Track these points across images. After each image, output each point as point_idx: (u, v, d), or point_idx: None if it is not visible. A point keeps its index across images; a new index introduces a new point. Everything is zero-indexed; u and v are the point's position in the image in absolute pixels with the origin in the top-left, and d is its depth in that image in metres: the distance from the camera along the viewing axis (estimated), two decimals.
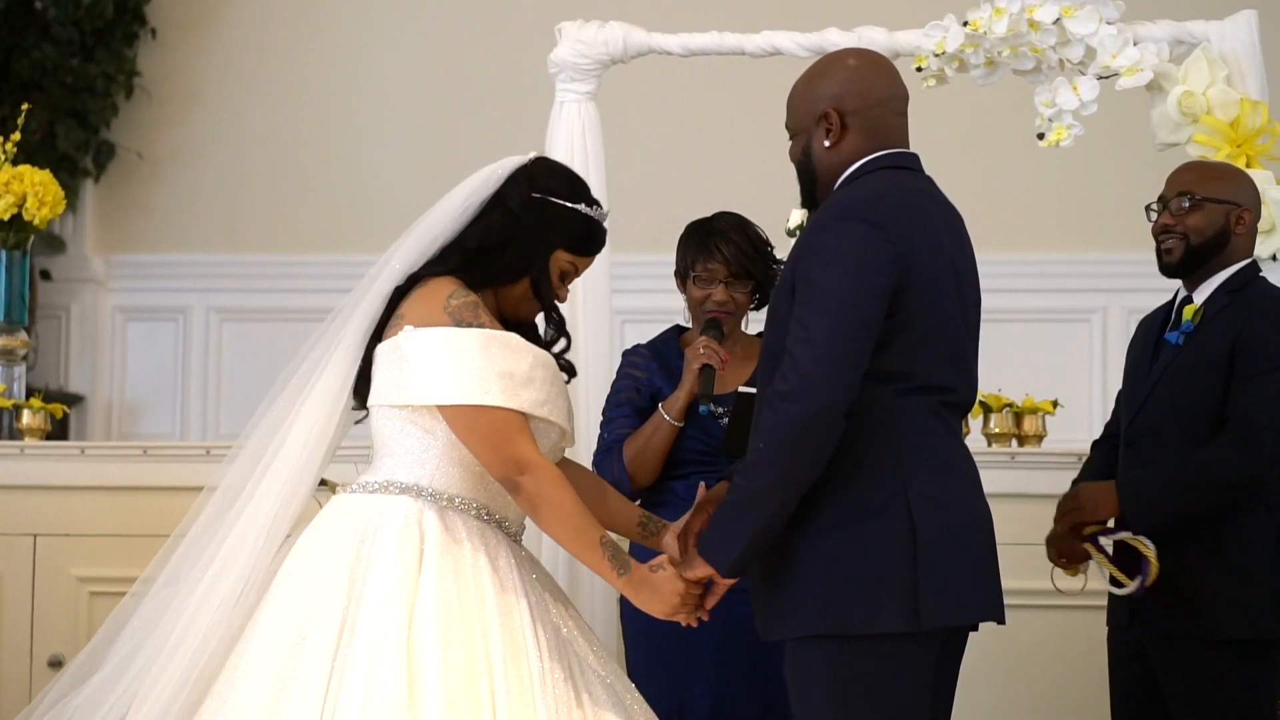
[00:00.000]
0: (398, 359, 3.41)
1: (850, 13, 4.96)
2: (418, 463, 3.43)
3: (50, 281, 8.12)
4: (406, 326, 3.41)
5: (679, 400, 4.08)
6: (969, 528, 3.34)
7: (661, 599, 3.35)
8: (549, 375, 3.48)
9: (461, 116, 7.92)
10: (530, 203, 3.50)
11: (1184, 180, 4.09)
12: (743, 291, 4.14)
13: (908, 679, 3.28)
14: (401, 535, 3.36)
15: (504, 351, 3.40)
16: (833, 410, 3.19)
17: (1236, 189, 4.08)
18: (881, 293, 3.23)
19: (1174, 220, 4.05)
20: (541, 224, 3.50)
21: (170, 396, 8.23)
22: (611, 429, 4.18)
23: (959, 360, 3.39)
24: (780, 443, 3.20)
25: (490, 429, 3.37)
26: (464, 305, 3.41)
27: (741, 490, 3.26)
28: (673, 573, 3.34)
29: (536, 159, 3.57)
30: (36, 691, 4.93)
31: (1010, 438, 5.15)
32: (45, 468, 5.09)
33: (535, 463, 3.37)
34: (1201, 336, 3.99)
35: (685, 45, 4.87)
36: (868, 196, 3.32)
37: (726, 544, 3.27)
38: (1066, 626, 4.37)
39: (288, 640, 3.29)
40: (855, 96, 3.40)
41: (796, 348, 3.22)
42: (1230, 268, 4.04)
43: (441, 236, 3.49)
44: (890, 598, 3.23)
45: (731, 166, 7.64)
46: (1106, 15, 4.58)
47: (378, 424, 3.48)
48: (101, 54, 8.09)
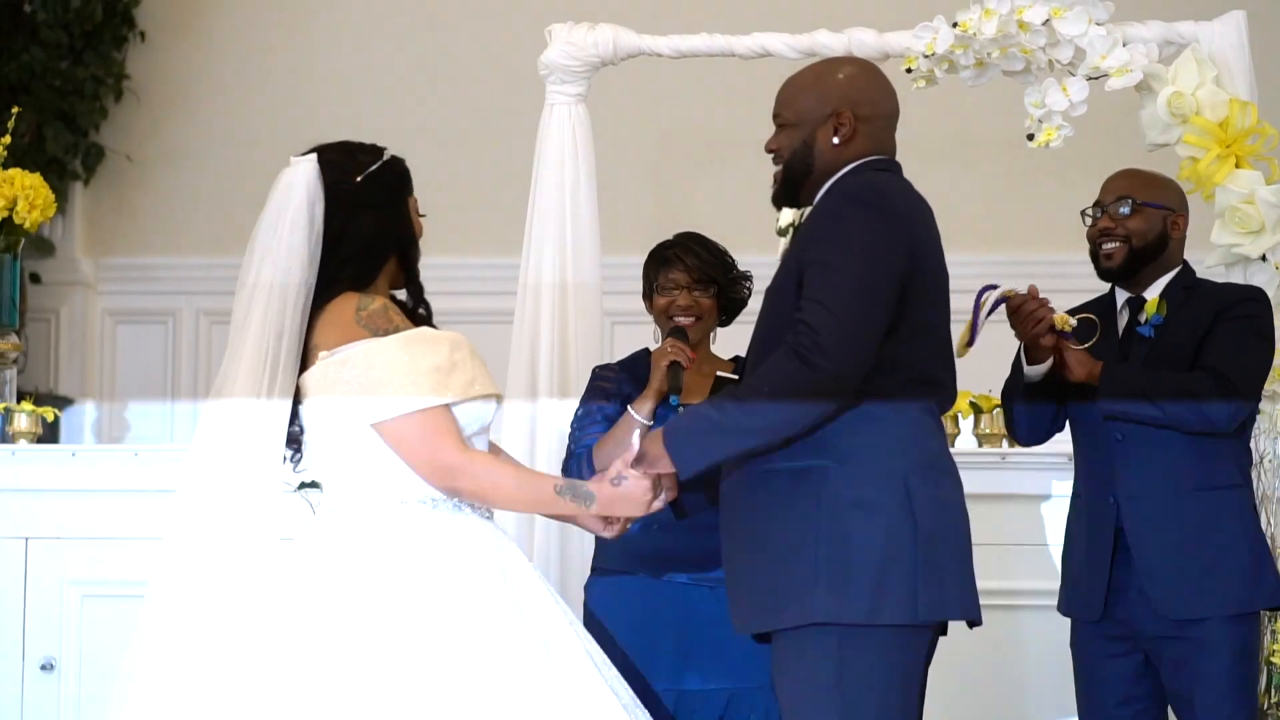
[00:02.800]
0: (326, 385, 3.38)
1: (840, 14, 4.96)
2: (383, 474, 3.40)
3: (40, 284, 8.10)
4: (322, 354, 3.40)
5: (648, 399, 4.08)
6: (958, 527, 3.41)
7: (637, 500, 3.42)
8: (466, 353, 3.46)
9: (452, 119, 7.91)
10: (362, 186, 3.49)
11: (1122, 186, 4.20)
12: (706, 296, 4.16)
13: (903, 671, 3.33)
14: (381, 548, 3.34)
15: (423, 348, 3.40)
16: (845, 381, 3.25)
17: (1170, 196, 4.21)
18: (895, 277, 3.31)
19: (1114, 224, 4.16)
20: (384, 193, 3.51)
21: (160, 399, 8.22)
22: (580, 438, 4.18)
23: (946, 355, 3.48)
24: (784, 394, 3.26)
25: (416, 437, 3.36)
26: (373, 314, 3.41)
27: (733, 417, 3.31)
28: (635, 475, 3.40)
29: (318, 156, 3.51)
30: (28, 694, 4.94)
31: (1001, 439, 5.15)
32: (36, 471, 5.08)
33: (462, 464, 3.37)
34: (1174, 327, 4.09)
35: (675, 47, 4.87)
36: (873, 185, 3.40)
37: (695, 454, 3.35)
38: (1057, 628, 4.37)
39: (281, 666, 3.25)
40: (870, 105, 3.50)
41: (815, 318, 3.25)
42: (1171, 271, 4.17)
43: (296, 274, 3.42)
44: (893, 589, 3.28)
45: (721, 168, 7.64)
46: (1096, 16, 4.59)
47: (322, 452, 3.45)
48: (90, 57, 8.08)
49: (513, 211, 4.65)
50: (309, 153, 3.54)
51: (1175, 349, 4.07)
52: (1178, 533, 4.00)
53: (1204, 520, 4.00)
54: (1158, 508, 4.02)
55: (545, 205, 4.68)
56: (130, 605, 3.58)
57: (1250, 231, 4.59)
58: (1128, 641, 4.07)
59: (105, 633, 4.92)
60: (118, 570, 4.89)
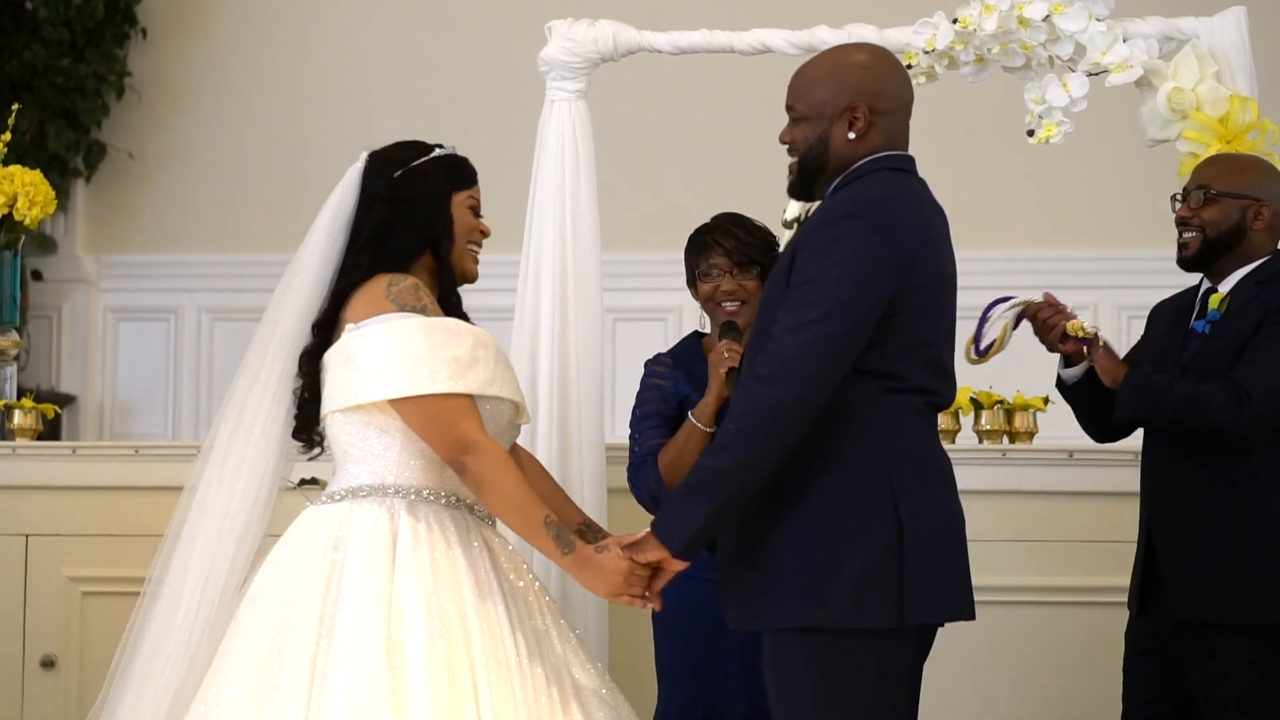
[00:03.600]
0: (344, 360, 3.45)
1: (840, 10, 4.96)
2: (380, 462, 3.47)
3: (41, 282, 8.11)
4: (348, 325, 3.46)
5: (709, 406, 4.03)
6: (949, 526, 3.36)
7: (605, 579, 3.33)
8: (491, 353, 3.51)
9: (452, 115, 7.90)
10: (398, 180, 3.59)
11: (1204, 174, 4.10)
12: (749, 278, 4.12)
13: (888, 674, 3.29)
14: (372, 538, 3.38)
15: (445, 336, 3.44)
16: (804, 404, 3.20)
17: (1257, 184, 4.08)
18: (877, 298, 3.24)
19: (1190, 213, 4.06)
20: (421, 186, 3.59)
21: (161, 396, 8.22)
22: (642, 441, 4.15)
23: (941, 365, 3.41)
24: (749, 427, 3.21)
25: (435, 413, 3.41)
26: (404, 289, 3.47)
27: (702, 469, 3.26)
28: (617, 553, 3.32)
29: (370, 155, 3.65)
30: (29, 691, 4.95)
31: (1001, 434, 5.15)
32: (37, 468, 5.09)
33: (479, 443, 3.40)
34: (1228, 324, 3.99)
35: (675, 43, 4.86)
36: (874, 199, 3.32)
37: (681, 524, 3.26)
38: (1061, 622, 4.38)
39: (263, 654, 3.31)
40: (888, 98, 3.42)
41: (782, 336, 3.22)
42: (1253, 262, 4.04)
43: (329, 260, 3.58)
44: (875, 592, 3.24)
45: (721, 164, 7.64)
46: (1096, 12, 4.58)
47: (334, 431, 3.52)
48: (92, 54, 8.09)
49: (513, 208, 4.64)
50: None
51: (1221, 351, 3.97)
52: (1197, 536, 3.93)
53: (1228, 526, 3.92)
54: (1179, 509, 3.97)
55: (545, 201, 4.67)
56: (131, 602, 3.59)
57: None
58: (1155, 639, 4.02)
59: (105, 630, 4.92)
60: (118, 567, 4.90)
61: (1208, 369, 3.97)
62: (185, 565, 3.51)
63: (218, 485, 3.53)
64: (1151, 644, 4.03)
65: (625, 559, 3.30)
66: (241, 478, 3.52)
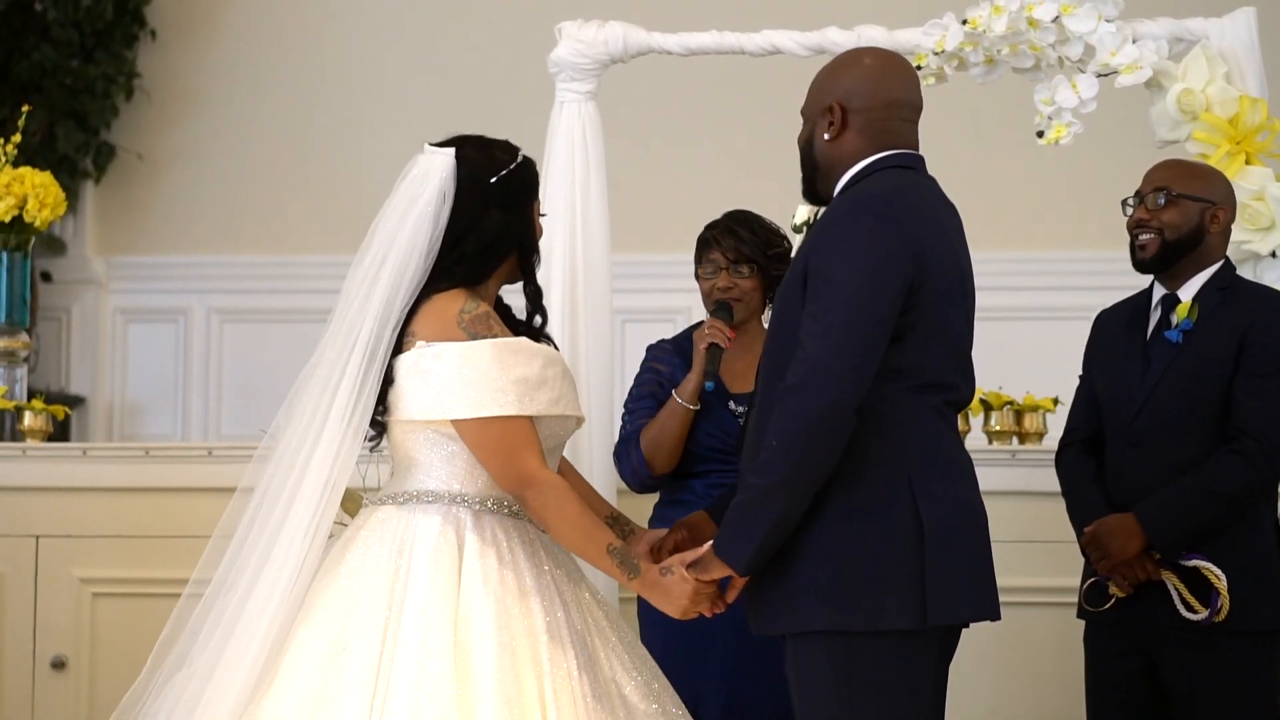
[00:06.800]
0: (418, 375, 3.45)
1: (850, 12, 4.96)
2: (447, 470, 3.48)
3: (51, 283, 8.12)
4: (420, 343, 3.45)
5: (690, 383, 4.12)
6: (971, 526, 3.35)
7: (674, 601, 3.36)
8: (559, 371, 3.53)
9: (461, 116, 7.83)
10: (494, 188, 3.52)
11: (1161, 176, 4.11)
12: (745, 277, 4.19)
13: (910, 676, 3.29)
14: (439, 543, 3.40)
15: (516, 358, 3.45)
16: (844, 406, 3.19)
17: (1213, 188, 4.10)
18: (897, 289, 3.24)
19: (1149, 215, 4.07)
20: (514, 197, 3.54)
21: (171, 398, 8.23)
22: (633, 419, 4.25)
23: (961, 359, 3.41)
24: (791, 438, 3.20)
25: (497, 442, 3.42)
26: (476, 318, 3.46)
27: (754, 488, 3.25)
28: (681, 575, 3.34)
29: (456, 150, 3.54)
30: (39, 692, 4.95)
31: (1011, 435, 5.15)
32: (47, 469, 5.09)
33: (539, 478, 3.41)
34: (1203, 333, 3.99)
35: (685, 45, 4.87)
36: (881, 193, 3.33)
37: (741, 542, 3.26)
38: (1069, 624, 4.36)
39: (326, 654, 3.31)
40: (861, 96, 3.41)
41: (809, 342, 3.22)
42: (1210, 267, 4.06)
43: (418, 266, 3.48)
44: (896, 595, 3.23)
45: (731, 166, 7.64)
46: (1105, 13, 4.58)
47: (400, 437, 3.52)
48: (101, 55, 8.09)
49: None
50: (446, 144, 3.57)
51: (1201, 366, 3.96)
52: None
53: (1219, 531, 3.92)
54: None
55: (555, 203, 4.68)
56: (141, 603, 3.59)
57: (1260, 228, 4.57)
58: (1131, 640, 4.04)
59: (116, 631, 4.93)
60: (129, 568, 4.91)
61: (1184, 377, 3.97)
62: (262, 561, 3.44)
63: (296, 482, 3.46)
64: (1125, 646, 4.04)
65: (690, 580, 3.33)
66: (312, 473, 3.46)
